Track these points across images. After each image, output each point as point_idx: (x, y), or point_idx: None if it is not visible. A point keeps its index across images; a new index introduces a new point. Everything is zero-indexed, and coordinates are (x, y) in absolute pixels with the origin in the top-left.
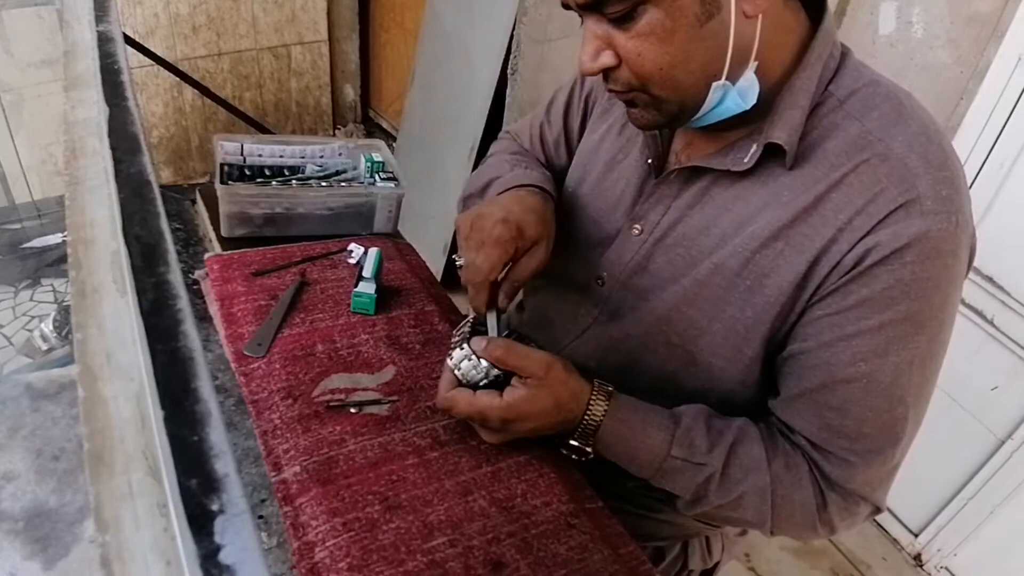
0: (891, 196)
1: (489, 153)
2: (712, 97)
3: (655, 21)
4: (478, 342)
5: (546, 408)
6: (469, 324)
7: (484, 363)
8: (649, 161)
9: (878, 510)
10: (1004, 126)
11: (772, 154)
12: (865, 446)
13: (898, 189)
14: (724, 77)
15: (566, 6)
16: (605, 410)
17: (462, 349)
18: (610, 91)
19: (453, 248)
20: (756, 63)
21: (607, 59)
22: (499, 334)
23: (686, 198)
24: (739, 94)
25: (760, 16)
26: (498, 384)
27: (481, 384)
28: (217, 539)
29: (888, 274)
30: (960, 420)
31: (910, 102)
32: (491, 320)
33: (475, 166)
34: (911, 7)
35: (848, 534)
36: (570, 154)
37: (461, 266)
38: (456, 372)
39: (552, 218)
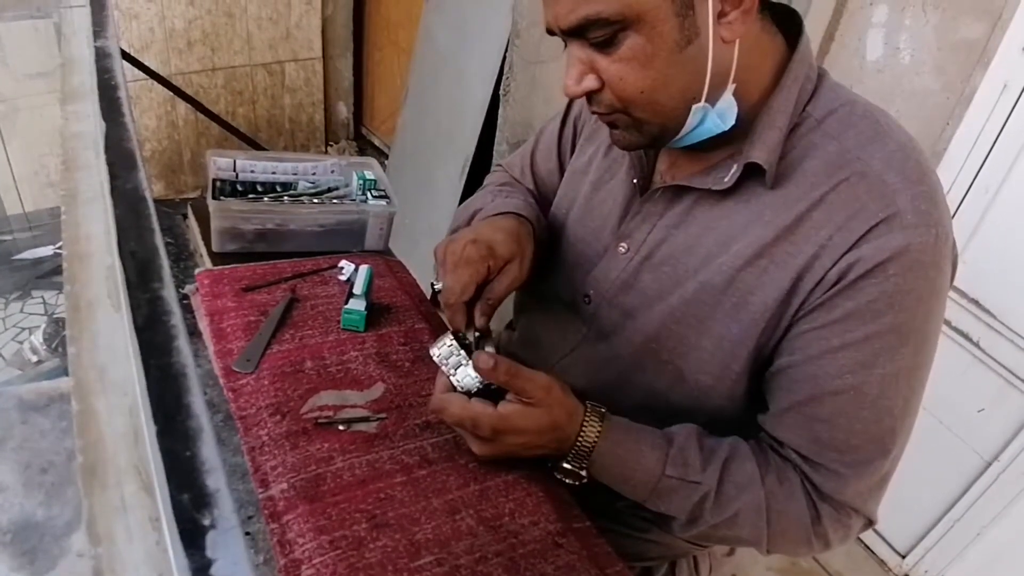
0: (871, 212)
1: (483, 185)
2: (692, 119)
3: (636, 46)
4: (486, 359)
5: (541, 427)
6: (451, 337)
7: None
8: (635, 180)
9: (870, 523)
10: (990, 151)
11: (753, 174)
12: (855, 457)
13: (878, 205)
14: (703, 99)
15: (551, 32)
16: (599, 431)
17: (448, 345)
18: (594, 112)
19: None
20: (734, 85)
21: (590, 82)
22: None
23: (671, 217)
24: (718, 115)
25: (737, 41)
26: (491, 394)
27: (475, 392)
28: (208, 553)
29: (873, 287)
30: (947, 442)
31: (886, 120)
32: (470, 340)
33: (466, 185)
34: (898, 34)
35: (835, 555)
36: (562, 179)
37: (439, 291)
38: (453, 380)
39: (527, 238)
